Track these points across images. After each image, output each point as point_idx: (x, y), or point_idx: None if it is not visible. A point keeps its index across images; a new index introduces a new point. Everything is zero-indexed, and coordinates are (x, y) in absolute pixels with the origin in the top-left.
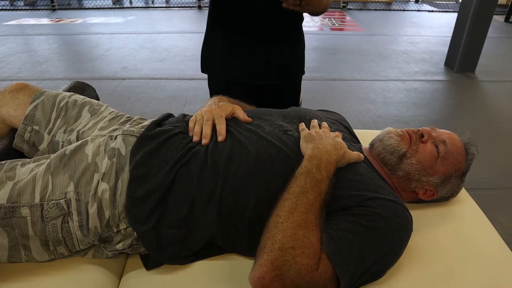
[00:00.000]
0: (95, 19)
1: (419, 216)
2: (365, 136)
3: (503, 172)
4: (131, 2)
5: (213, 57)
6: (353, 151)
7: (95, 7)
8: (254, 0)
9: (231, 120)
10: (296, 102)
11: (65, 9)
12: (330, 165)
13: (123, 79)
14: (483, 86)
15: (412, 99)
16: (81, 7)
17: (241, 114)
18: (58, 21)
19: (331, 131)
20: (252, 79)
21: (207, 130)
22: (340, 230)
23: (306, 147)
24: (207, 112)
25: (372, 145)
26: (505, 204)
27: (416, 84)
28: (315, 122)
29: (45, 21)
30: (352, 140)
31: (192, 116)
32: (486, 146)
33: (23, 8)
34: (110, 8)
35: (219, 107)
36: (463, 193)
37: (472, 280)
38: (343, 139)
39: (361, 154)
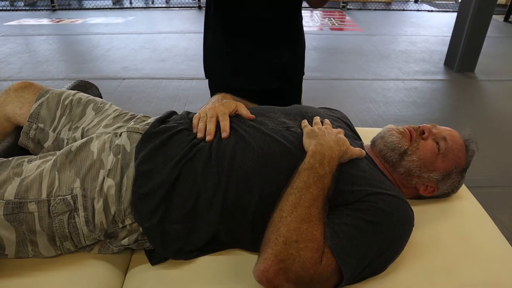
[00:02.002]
0: (95, 19)
1: (420, 212)
2: (366, 134)
3: (503, 171)
4: (131, 3)
5: (215, 64)
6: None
7: (95, 7)
8: (255, 4)
9: (235, 117)
10: (298, 103)
11: (65, 9)
12: (333, 160)
13: (124, 79)
14: (482, 85)
15: (412, 98)
16: (81, 8)
17: (244, 111)
18: (58, 21)
19: (333, 127)
20: (255, 85)
21: (211, 127)
22: (343, 224)
23: (309, 143)
24: (210, 109)
25: (373, 142)
26: (505, 202)
27: (416, 84)
28: (317, 119)
29: (45, 21)
30: (353, 137)
31: (195, 113)
32: (486, 145)
33: (23, 8)
34: (110, 8)
35: (222, 104)
36: (464, 190)
37: (472, 275)
38: (344, 135)
39: (363, 150)
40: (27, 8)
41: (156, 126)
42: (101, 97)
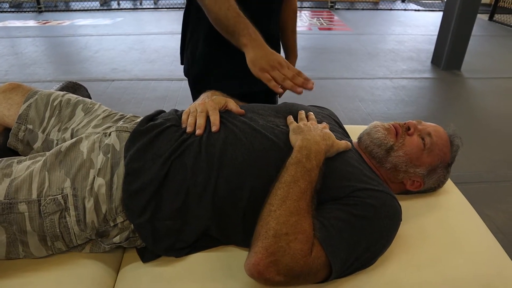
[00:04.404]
0: (83, 21)
1: (407, 206)
2: (355, 131)
3: (489, 167)
4: (119, 4)
5: (196, 64)
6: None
7: (82, 8)
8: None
9: (225, 113)
10: (274, 102)
11: (52, 11)
12: (319, 154)
13: (113, 80)
14: (469, 83)
15: (400, 96)
16: (68, 9)
17: (234, 106)
18: (45, 23)
19: (318, 122)
20: (235, 87)
21: (201, 121)
22: (332, 218)
23: (295, 139)
24: (200, 105)
25: (360, 138)
26: (491, 197)
27: (404, 82)
28: (302, 114)
29: (31, 23)
30: (342, 133)
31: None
32: (473, 141)
33: (9, 10)
34: (98, 9)
35: (212, 100)
36: (450, 184)
37: (458, 268)
38: (331, 130)
39: (349, 143)
40: (13, 9)
41: (144, 124)
42: (90, 98)
